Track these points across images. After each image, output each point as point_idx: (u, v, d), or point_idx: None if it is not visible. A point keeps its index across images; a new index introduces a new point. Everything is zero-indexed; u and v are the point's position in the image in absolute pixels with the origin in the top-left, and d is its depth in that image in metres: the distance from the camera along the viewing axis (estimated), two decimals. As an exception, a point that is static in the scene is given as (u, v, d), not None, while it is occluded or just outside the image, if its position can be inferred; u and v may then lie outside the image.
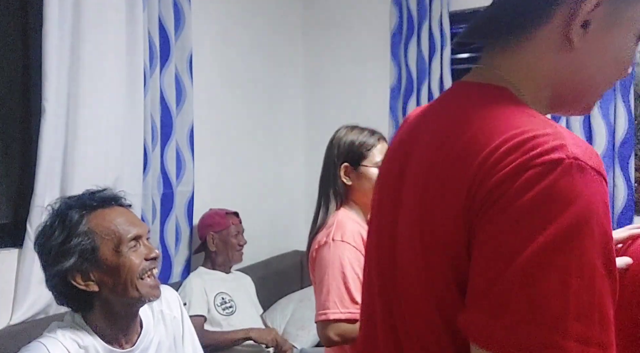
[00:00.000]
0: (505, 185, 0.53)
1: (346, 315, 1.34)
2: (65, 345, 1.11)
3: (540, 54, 0.64)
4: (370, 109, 3.01)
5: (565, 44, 0.63)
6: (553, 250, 0.50)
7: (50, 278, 1.14)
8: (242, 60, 2.78)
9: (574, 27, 0.61)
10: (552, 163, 0.52)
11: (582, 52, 0.63)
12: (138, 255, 1.16)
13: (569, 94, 0.67)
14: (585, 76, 0.65)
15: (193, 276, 2.23)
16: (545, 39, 0.63)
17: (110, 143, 1.89)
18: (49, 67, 1.69)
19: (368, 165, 1.49)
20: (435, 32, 2.74)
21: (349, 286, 1.36)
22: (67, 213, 1.13)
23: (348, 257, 1.39)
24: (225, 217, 2.34)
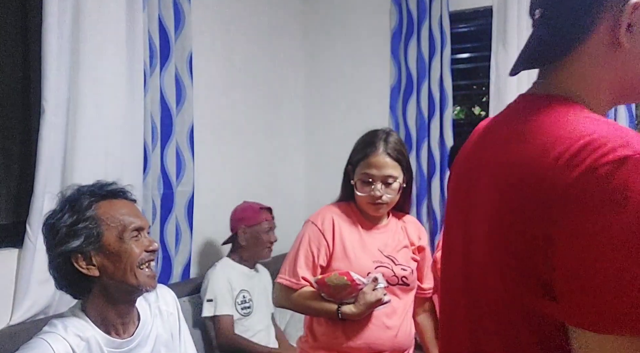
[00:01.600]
0: (581, 181, 0.58)
1: (286, 282, 1.58)
2: (67, 339, 1.14)
3: (594, 62, 0.70)
4: (370, 108, 3.02)
5: (614, 47, 0.69)
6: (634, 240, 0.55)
7: (54, 259, 1.19)
8: (242, 60, 2.78)
9: (622, 31, 0.68)
10: (620, 160, 0.57)
11: (632, 50, 0.69)
12: (139, 245, 1.23)
13: (628, 89, 0.72)
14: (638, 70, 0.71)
15: (219, 268, 2.22)
16: (595, 48, 0.70)
17: (110, 143, 1.89)
18: (49, 67, 1.68)
19: (355, 179, 1.59)
20: (435, 32, 2.75)
21: (297, 260, 1.58)
22: (77, 199, 1.21)
23: (309, 235, 1.59)
24: (259, 212, 2.32)
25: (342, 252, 1.56)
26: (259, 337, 2.24)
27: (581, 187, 0.58)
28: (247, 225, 2.29)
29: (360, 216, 1.62)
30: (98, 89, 1.84)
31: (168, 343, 1.34)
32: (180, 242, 2.33)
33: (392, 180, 1.54)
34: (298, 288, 1.56)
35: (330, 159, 3.16)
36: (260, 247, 2.30)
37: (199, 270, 2.49)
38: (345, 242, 1.57)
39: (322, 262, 1.57)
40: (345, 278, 1.48)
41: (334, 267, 1.56)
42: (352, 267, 1.52)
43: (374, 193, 1.53)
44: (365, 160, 1.56)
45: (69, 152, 1.78)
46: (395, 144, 1.57)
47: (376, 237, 1.60)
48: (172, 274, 2.27)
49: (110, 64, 1.89)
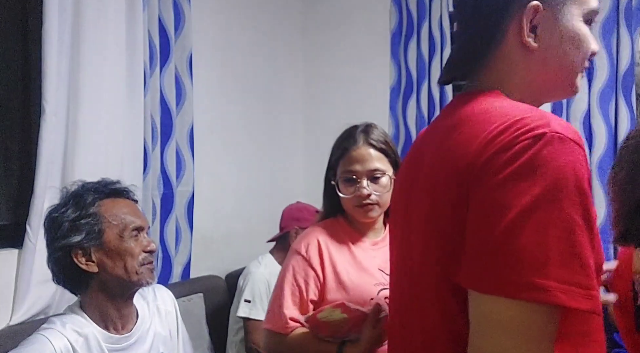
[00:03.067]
0: (497, 157, 0.63)
1: (273, 327, 1.32)
2: (65, 335, 1.16)
3: (510, 63, 0.76)
4: (370, 109, 3.01)
5: (525, 49, 0.75)
6: (536, 208, 0.59)
7: (54, 253, 1.21)
8: (242, 60, 2.78)
9: (524, 35, 0.74)
10: (536, 137, 0.62)
11: (542, 49, 0.75)
12: (138, 244, 1.25)
13: (548, 84, 0.78)
14: (555, 65, 0.76)
15: (262, 266, 2.19)
16: (509, 50, 0.76)
17: (110, 143, 1.89)
18: (49, 67, 1.68)
19: (336, 179, 1.42)
20: (435, 32, 2.74)
21: (282, 299, 1.31)
22: (82, 195, 1.24)
23: (294, 266, 1.34)
24: (315, 215, 2.28)
25: (335, 281, 1.30)
26: None
27: (496, 160, 0.62)
28: (301, 227, 2.23)
29: (352, 232, 1.38)
30: (98, 89, 1.84)
31: (166, 341, 1.35)
32: (180, 242, 2.33)
33: (380, 173, 1.31)
34: (288, 332, 1.30)
35: (330, 159, 3.17)
36: None
37: (199, 270, 2.49)
38: (338, 267, 1.31)
39: (313, 296, 1.31)
40: (340, 311, 1.19)
41: (329, 299, 1.30)
42: (350, 295, 1.27)
43: (359, 192, 1.30)
44: (346, 156, 1.36)
45: (69, 152, 1.78)
46: (377, 135, 1.37)
47: (374, 254, 1.35)
48: (172, 274, 2.27)
49: (110, 64, 1.89)
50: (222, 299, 2.37)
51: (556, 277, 0.57)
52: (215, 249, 2.60)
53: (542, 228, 0.58)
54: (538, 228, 0.58)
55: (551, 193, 0.59)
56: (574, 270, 0.58)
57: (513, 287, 0.58)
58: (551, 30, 0.75)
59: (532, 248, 0.58)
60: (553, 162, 0.60)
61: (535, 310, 0.58)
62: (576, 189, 0.60)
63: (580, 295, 0.57)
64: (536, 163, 0.60)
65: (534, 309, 0.58)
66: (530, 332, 0.58)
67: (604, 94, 2.38)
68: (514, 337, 0.58)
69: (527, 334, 0.58)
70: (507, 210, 0.60)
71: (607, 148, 2.39)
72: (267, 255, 2.28)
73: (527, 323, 0.58)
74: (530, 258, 0.58)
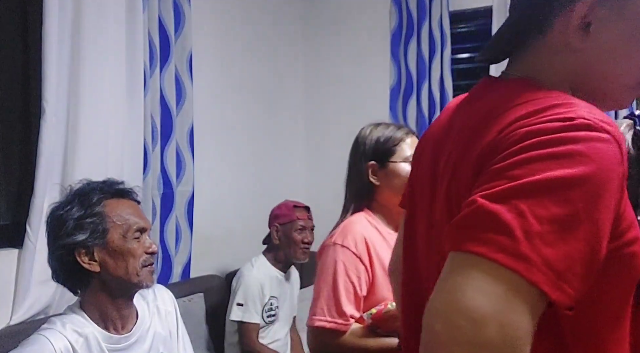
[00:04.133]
0: (523, 140, 0.56)
1: (330, 325, 1.30)
2: (65, 335, 1.16)
3: (550, 57, 0.68)
4: (370, 109, 3.01)
5: (568, 46, 0.66)
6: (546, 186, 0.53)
7: (57, 250, 1.21)
8: (242, 60, 2.78)
9: (571, 30, 0.65)
10: (565, 119, 0.56)
11: (590, 51, 0.66)
12: (140, 245, 1.26)
13: (589, 91, 0.68)
14: (599, 73, 0.68)
15: (255, 269, 2.18)
16: (552, 44, 0.68)
17: (110, 143, 1.89)
18: (49, 67, 1.68)
19: (397, 161, 1.38)
20: (435, 32, 2.74)
21: (339, 295, 1.30)
22: (87, 194, 1.24)
23: (344, 262, 1.32)
24: (293, 210, 2.26)
25: (383, 276, 1.29)
26: (277, 346, 2.24)
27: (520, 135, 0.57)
28: (279, 223, 2.23)
29: (383, 225, 1.38)
30: (98, 89, 1.84)
31: (166, 341, 1.35)
32: (180, 242, 2.33)
33: None
34: (347, 329, 1.29)
35: (330, 159, 3.16)
36: (292, 247, 2.21)
37: (199, 270, 2.49)
38: (385, 262, 1.28)
39: (363, 293, 1.31)
40: None
41: (378, 296, 1.31)
42: None
43: None
44: (404, 142, 1.36)
45: (69, 152, 1.78)
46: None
47: None
48: (172, 274, 2.27)
49: (110, 64, 1.89)
50: (222, 299, 2.37)
51: (540, 253, 0.51)
52: (215, 249, 2.60)
53: (544, 205, 0.52)
54: (542, 202, 0.52)
55: (567, 176, 0.53)
56: (559, 256, 0.52)
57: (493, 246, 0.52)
58: (608, 30, 0.65)
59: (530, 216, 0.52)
60: (580, 148, 0.54)
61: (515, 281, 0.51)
62: (602, 187, 0.54)
63: (552, 282, 0.51)
64: (561, 144, 0.54)
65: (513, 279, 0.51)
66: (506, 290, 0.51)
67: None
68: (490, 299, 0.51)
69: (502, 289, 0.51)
70: (516, 177, 0.54)
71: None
72: (260, 257, 2.27)
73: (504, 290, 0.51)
74: (524, 225, 0.52)
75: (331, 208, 3.24)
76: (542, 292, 0.51)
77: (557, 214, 0.53)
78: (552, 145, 0.55)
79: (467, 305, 0.50)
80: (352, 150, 1.49)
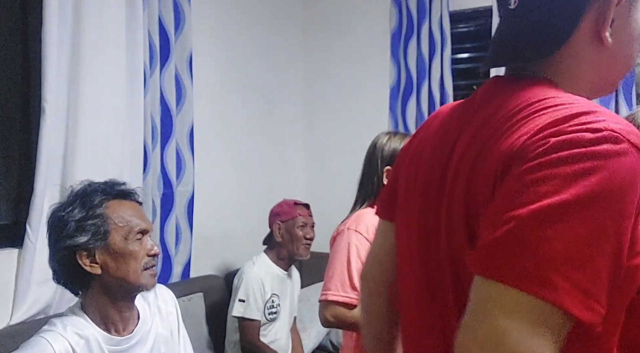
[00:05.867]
0: (553, 152, 0.56)
1: (344, 299, 1.44)
2: (66, 337, 1.15)
3: (577, 56, 0.68)
4: (370, 109, 3.01)
5: (598, 44, 0.67)
6: (574, 204, 0.53)
7: (58, 252, 1.20)
8: (242, 60, 2.78)
9: (605, 28, 0.66)
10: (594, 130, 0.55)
11: (615, 44, 0.67)
12: (142, 247, 1.25)
13: (604, 82, 0.72)
14: (620, 64, 0.71)
15: (256, 266, 2.20)
16: (579, 44, 0.67)
17: (110, 143, 1.89)
18: (49, 67, 1.68)
19: None
20: (435, 32, 2.74)
21: (351, 272, 1.45)
22: (89, 195, 1.23)
23: (356, 245, 1.47)
24: (294, 207, 2.29)
25: None
26: (279, 344, 2.24)
27: (545, 144, 0.56)
28: (281, 221, 2.25)
29: None
30: (98, 88, 1.84)
31: (167, 341, 1.35)
32: (180, 242, 2.33)
33: None
34: (357, 304, 1.41)
35: (330, 159, 3.17)
36: (295, 243, 2.24)
37: (199, 270, 2.49)
38: None
39: None
40: None
41: None
42: None
43: None
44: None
45: (69, 152, 1.78)
46: None
47: None
48: (172, 274, 2.27)
49: (110, 64, 1.89)
50: (222, 299, 2.37)
51: (567, 277, 0.52)
52: (215, 249, 2.60)
53: (572, 226, 0.53)
54: (570, 224, 0.53)
55: (597, 193, 0.53)
56: (588, 276, 0.53)
57: (527, 277, 0.53)
58: (625, 25, 0.68)
59: (557, 241, 0.53)
60: (609, 163, 0.54)
61: (541, 306, 0.53)
62: (626, 201, 0.54)
63: (581, 304, 0.52)
64: (587, 165, 0.54)
65: (540, 305, 0.53)
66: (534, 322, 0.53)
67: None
68: (516, 321, 0.53)
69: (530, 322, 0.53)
70: (544, 195, 0.54)
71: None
72: (262, 255, 2.28)
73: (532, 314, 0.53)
74: (552, 251, 0.52)
75: (331, 208, 3.24)
76: (571, 315, 0.52)
77: (585, 234, 0.53)
78: (582, 160, 0.54)
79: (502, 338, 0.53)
80: (368, 155, 1.64)
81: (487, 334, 0.54)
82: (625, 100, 2.36)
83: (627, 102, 2.35)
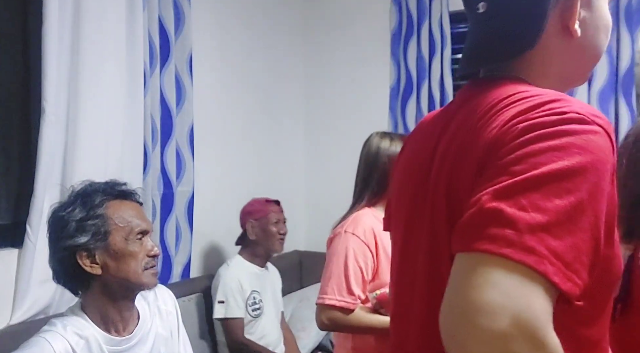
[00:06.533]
0: (522, 135, 0.58)
1: (340, 303, 1.45)
2: (66, 338, 1.16)
3: (549, 51, 0.70)
4: (370, 109, 3.02)
5: (568, 36, 0.70)
6: (551, 177, 0.54)
7: (58, 252, 1.20)
8: (242, 60, 2.78)
9: (574, 21, 0.68)
10: (565, 120, 0.57)
11: (583, 36, 0.70)
12: (142, 248, 1.25)
13: (575, 74, 0.75)
14: (590, 54, 0.73)
15: (231, 267, 2.21)
16: (549, 37, 0.69)
17: (110, 143, 1.89)
18: (49, 67, 1.68)
19: None
20: (435, 32, 2.74)
21: (349, 277, 1.45)
22: (89, 195, 1.23)
23: (354, 248, 1.48)
24: (265, 205, 2.32)
25: (387, 263, 1.45)
26: (269, 340, 2.24)
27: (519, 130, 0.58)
28: (254, 219, 2.28)
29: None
30: (98, 89, 1.84)
31: (167, 341, 1.35)
32: (180, 242, 2.33)
33: None
34: (355, 308, 1.46)
35: (330, 159, 3.17)
36: (270, 239, 2.27)
37: (199, 270, 2.49)
38: (388, 250, 1.41)
39: (369, 277, 1.49)
40: None
41: (381, 280, 1.48)
42: None
43: None
44: None
45: (69, 152, 1.78)
46: None
47: None
48: (172, 274, 2.27)
49: (110, 64, 1.89)
50: (222, 299, 2.37)
51: (549, 246, 0.52)
52: (215, 249, 2.60)
53: (547, 197, 0.53)
54: (545, 195, 0.53)
55: (570, 167, 0.54)
56: (566, 247, 0.52)
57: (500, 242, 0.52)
58: (591, 16, 0.71)
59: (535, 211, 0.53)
60: (578, 140, 0.55)
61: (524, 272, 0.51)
62: (600, 177, 0.55)
63: (562, 273, 0.52)
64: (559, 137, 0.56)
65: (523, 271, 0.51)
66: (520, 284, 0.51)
67: (604, 93, 2.38)
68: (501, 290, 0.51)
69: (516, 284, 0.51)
70: (517, 173, 0.55)
71: (607, 148, 2.38)
72: (236, 256, 2.30)
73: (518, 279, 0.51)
74: (529, 218, 0.52)
75: (330, 208, 3.23)
76: (552, 283, 0.52)
77: (561, 206, 0.53)
78: (550, 138, 0.56)
79: (480, 302, 0.51)
80: (362, 156, 1.64)
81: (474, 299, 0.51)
82: (625, 100, 2.36)
83: (627, 102, 2.35)
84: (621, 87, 2.35)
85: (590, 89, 2.41)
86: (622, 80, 2.35)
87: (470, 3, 0.73)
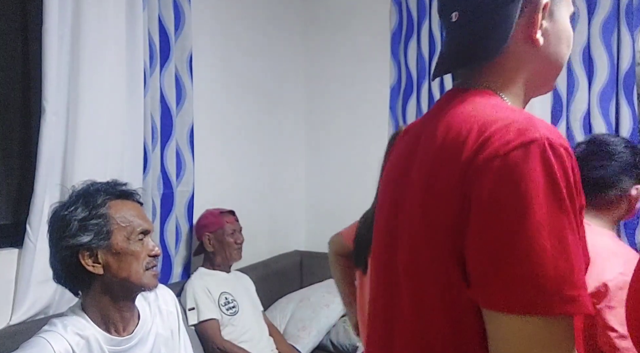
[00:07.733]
0: (491, 162, 0.63)
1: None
2: (66, 338, 1.15)
3: (517, 60, 0.75)
4: (370, 108, 3.02)
5: (531, 46, 0.74)
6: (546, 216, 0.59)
7: (60, 252, 1.19)
8: (243, 60, 2.78)
9: (536, 31, 0.73)
10: (528, 142, 0.62)
11: (546, 45, 0.75)
12: (144, 248, 1.25)
13: (542, 82, 0.79)
14: (554, 63, 0.78)
15: (194, 278, 2.21)
16: (516, 47, 0.74)
17: (110, 143, 1.89)
18: (49, 67, 1.68)
19: None
20: (435, 32, 2.74)
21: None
22: (92, 194, 1.23)
23: None
24: (219, 216, 2.32)
25: None
26: (251, 335, 2.22)
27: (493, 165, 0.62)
28: (210, 232, 2.28)
29: None
30: (98, 88, 1.84)
31: (168, 341, 1.35)
32: (180, 242, 2.33)
33: None
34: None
35: (331, 159, 3.17)
36: (228, 249, 2.28)
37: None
38: None
39: None
40: None
41: None
42: None
43: None
44: None
45: (69, 152, 1.78)
46: None
47: None
48: (172, 274, 2.27)
49: (110, 63, 1.89)
50: (222, 299, 2.36)
51: (580, 284, 0.58)
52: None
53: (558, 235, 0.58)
54: (555, 237, 0.58)
55: (551, 198, 0.59)
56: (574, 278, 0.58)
57: (544, 304, 0.57)
58: (553, 27, 0.75)
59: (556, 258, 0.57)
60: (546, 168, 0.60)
61: (565, 322, 0.58)
62: (567, 193, 0.60)
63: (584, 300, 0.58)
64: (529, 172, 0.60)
65: (564, 321, 0.58)
66: (562, 343, 0.58)
67: (604, 93, 2.38)
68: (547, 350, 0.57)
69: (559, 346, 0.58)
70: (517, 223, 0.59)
71: (608, 148, 2.38)
72: (199, 269, 2.28)
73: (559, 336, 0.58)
74: (556, 269, 0.57)
75: (331, 208, 3.24)
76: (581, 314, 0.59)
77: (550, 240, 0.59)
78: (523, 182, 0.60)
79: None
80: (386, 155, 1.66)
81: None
82: (626, 100, 2.36)
83: (628, 102, 2.36)
84: (622, 87, 2.36)
85: (591, 90, 2.41)
86: (622, 80, 2.35)
87: (445, 13, 0.78)
